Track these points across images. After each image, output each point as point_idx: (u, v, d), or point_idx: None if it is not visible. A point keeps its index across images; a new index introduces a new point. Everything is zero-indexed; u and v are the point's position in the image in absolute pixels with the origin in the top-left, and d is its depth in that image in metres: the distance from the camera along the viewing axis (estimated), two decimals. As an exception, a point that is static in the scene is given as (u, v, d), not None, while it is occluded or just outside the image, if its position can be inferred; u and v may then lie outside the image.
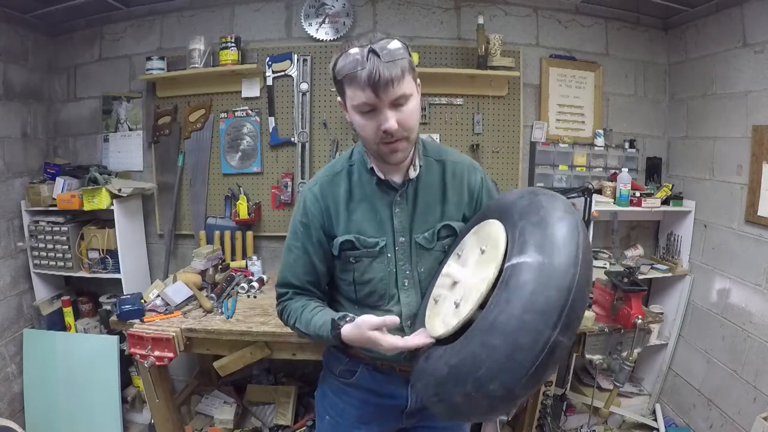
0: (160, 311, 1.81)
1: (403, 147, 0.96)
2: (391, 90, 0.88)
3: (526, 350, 0.70)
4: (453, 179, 1.10)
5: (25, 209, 2.35)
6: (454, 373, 0.78)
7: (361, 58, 0.88)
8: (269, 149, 2.45)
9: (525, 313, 0.70)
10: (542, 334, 0.69)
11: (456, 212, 1.09)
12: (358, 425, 1.20)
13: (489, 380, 0.72)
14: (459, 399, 0.77)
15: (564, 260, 0.72)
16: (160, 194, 2.53)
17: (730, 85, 2.14)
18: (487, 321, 0.75)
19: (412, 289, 1.08)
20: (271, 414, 2.21)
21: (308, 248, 1.08)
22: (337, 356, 1.20)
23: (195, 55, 2.30)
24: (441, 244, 1.07)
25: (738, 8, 2.06)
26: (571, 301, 0.70)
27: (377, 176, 1.05)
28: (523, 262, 0.75)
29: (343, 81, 0.92)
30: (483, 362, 0.73)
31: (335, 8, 2.34)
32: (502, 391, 0.72)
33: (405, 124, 0.93)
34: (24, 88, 2.40)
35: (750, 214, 2.04)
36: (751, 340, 2.01)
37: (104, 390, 2.24)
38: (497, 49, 2.26)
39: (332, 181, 1.08)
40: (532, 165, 2.47)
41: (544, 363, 0.70)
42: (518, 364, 0.70)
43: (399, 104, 0.92)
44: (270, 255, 2.54)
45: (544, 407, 2.04)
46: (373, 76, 0.86)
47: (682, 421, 2.38)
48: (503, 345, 0.71)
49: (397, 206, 1.06)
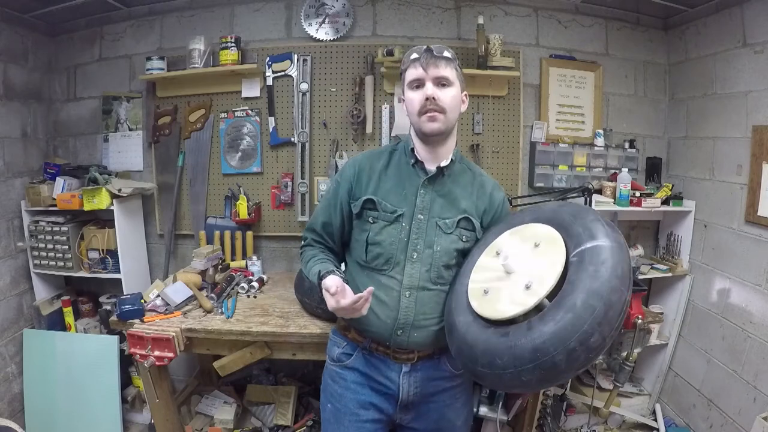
0: (160, 311, 1.81)
1: (440, 119, 1.15)
2: (435, 69, 1.13)
3: (616, 306, 0.92)
4: (480, 188, 1.26)
5: (25, 209, 2.35)
6: (559, 336, 0.92)
7: (419, 50, 1.16)
8: (269, 149, 2.45)
9: (612, 279, 0.93)
10: (624, 294, 0.93)
11: (476, 213, 1.24)
12: (356, 410, 1.25)
13: (591, 334, 0.90)
14: (561, 357, 0.91)
15: (620, 243, 1.00)
16: (160, 194, 2.53)
17: (730, 85, 2.14)
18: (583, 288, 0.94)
19: (419, 263, 1.19)
20: (271, 414, 2.21)
21: (331, 203, 1.28)
22: (336, 341, 1.32)
23: (195, 55, 2.30)
24: (459, 231, 1.21)
25: (738, 8, 2.06)
26: (630, 271, 0.96)
27: (415, 157, 1.21)
28: (598, 245, 0.99)
29: (405, 66, 1.19)
30: (586, 320, 0.90)
31: (335, 8, 2.34)
32: (599, 341, 0.91)
33: (443, 100, 1.15)
34: (24, 88, 2.40)
35: (750, 214, 2.04)
36: (751, 340, 2.01)
37: (104, 390, 2.24)
38: (497, 49, 2.26)
39: (375, 156, 1.28)
40: (532, 165, 2.47)
41: (623, 316, 0.93)
42: (611, 318, 0.91)
43: (441, 84, 1.15)
44: (270, 255, 2.54)
45: (544, 407, 2.04)
46: (423, 58, 1.14)
47: (682, 421, 2.38)
48: (600, 304, 0.91)
49: (423, 188, 1.21)
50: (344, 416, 1.26)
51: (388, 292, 1.18)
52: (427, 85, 1.14)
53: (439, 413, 1.26)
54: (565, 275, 1.00)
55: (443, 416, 1.27)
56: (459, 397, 1.29)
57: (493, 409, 1.96)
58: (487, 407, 1.97)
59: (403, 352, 1.22)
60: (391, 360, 1.22)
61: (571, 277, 0.97)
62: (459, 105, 1.19)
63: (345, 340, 1.29)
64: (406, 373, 1.22)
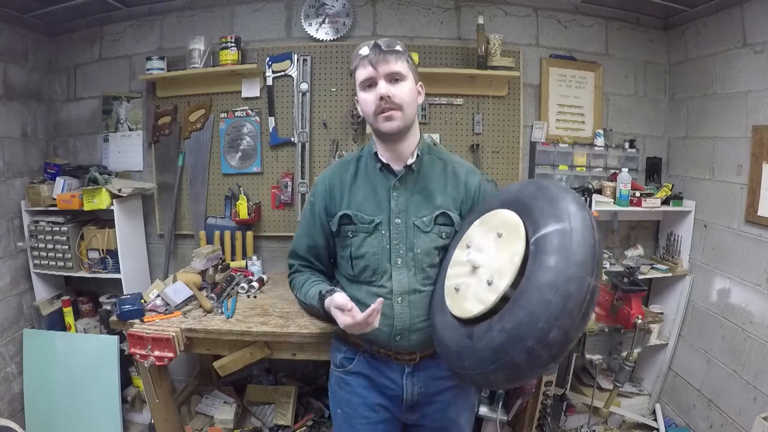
0: (160, 311, 1.81)
1: (397, 116, 1.11)
2: (385, 65, 1.09)
3: (575, 297, 0.84)
4: (453, 177, 1.22)
5: (25, 209, 2.35)
6: (514, 335, 0.87)
7: (367, 47, 1.12)
8: (269, 149, 2.45)
9: (568, 267, 0.85)
10: (585, 281, 0.85)
11: (453, 206, 1.20)
12: (366, 413, 1.24)
13: (549, 330, 0.84)
14: (521, 356, 0.87)
15: (583, 223, 0.90)
16: (160, 194, 2.53)
17: (730, 85, 2.14)
18: (536, 282, 0.88)
19: (404, 268, 1.17)
20: (271, 414, 2.21)
21: (310, 223, 1.26)
22: (337, 346, 1.31)
23: (195, 55, 2.30)
24: (438, 228, 1.18)
25: (738, 8, 2.06)
26: (597, 252, 0.88)
27: (380, 161, 1.18)
28: (554, 230, 0.90)
29: (355, 69, 1.15)
30: (541, 316, 0.84)
31: (335, 8, 2.34)
32: (561, 336, 0.84)
33: (398, 95, 1.11)
34: (24, 88, 2.40)
35: (750, 214, 2.04)
36: (751, 340, 2.01)
37: (104, 390, 2.24)
38: (497, 49, 2.26)
39: (342, 168, 1.26)
40: (532, 165, 2.47)
41: (588, 305, 0.85)
42: (571, 310, 0.84)
43: (394, 79, 1.11)
44: (270, 255, 2.54)
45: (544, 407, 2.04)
46: (372, 56, 1.10)
47: (682, 421, 2.38)
48: (557, 297, 0.84)
49: (395, 190, 1.18)
50: (355, 420, 1.25)
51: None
52: (379, 84, 1.10)
53: (442, 412, 1.26)
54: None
55: (446, 415, 1.27)
56: (461, 395, 1.29)
57: (493, 409, 1.96)
58: (487, 407, 1.97)
59: (405, 354, 1.21)
60: (394, 361, 1.22)
61: (528, 269, 0.91)
62: (415, 98, 1.16)
63: (345, 344, 1.29)
64: (408, 373, 1.22)
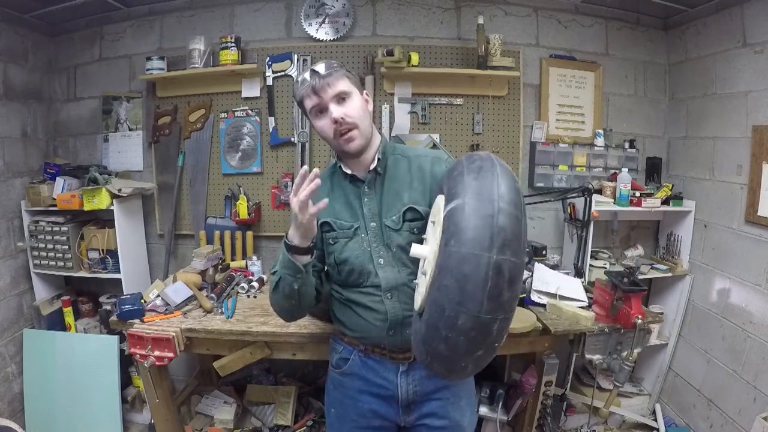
0: (160, 311, 1.81)
1: (355, 135, 1.14)
2: (328, 89, 1.11)
3: (474, 277, 0.78)
4: (418, 171, 1.22)
5: (25, 209, 2.35)
6: (429, 325, 0.86)
7: (307, 76, 1.13)
8: (269, 149, 2.45)
9: (461, 246, 0.79)
10: (481, 258, 0.78)
11: (422, 199, 1.19)
12: (356, 417, 1.26)
13: (456, 317, 0.79)
14: (442, 347, 0.84)
15: (484, 194, 0.82)
16: (160, 194, 2.53)
17: (730, 85, 2.14)
18: (437, 268, 0.85)
19: (389, 266, 1.18)
20: (271, 414, 2.21)
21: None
22: (334, 347, 1.32)
23: (195, 55, 2.30)
24: (408, 225, 1.18)
25: (738, 8, 2.06)
26: (497, 225, 0.79)
27: (344, 172, 1.21)
28: (450, 208, 0.86)
29: (301, 100, 1.16)
30: (444, 303, 0.81)
31: (335, 8, 2.34)
32: (471, 322, 0.79)
33: (349, 114, 1.12)
34: (24, 88, 2.40)
35: (750, 214, 2.04)
36: (751, 340, 2.01)
37: (104, 390, 2.24)
38: (497, 49, 2.26)
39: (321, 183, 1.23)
40: (532, 165, 2.47)
41: (495, 284, 0.78)
42: (471, 292, 0.78)
43: (341, 99, 1.13)
44: (270, 255, 2.54)
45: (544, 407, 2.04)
46: (314, 83, 1.11)
47: (682, 421, 2.38)
48: (453, 281, 0.79)
49: (365, 196, 1.21)
50: (346, 422, 1.27)
51: (372, 299, 1.19)
52: (330, 108, 1.11)
53: (443, 411, 1.26)
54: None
55: (447, 415, 1.26)
56: (462, 395, 1.29)
57: (493, 409, 1.96)
58: (487, 407, 1.97)
59: (399, 352, 1.21)
60: (388, 360, 1.22)
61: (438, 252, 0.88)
62: (366, 110, 1.17)
63: (341, 344, 1.29)
64: (403, 372, 1.22)
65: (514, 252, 0.80)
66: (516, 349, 1.82)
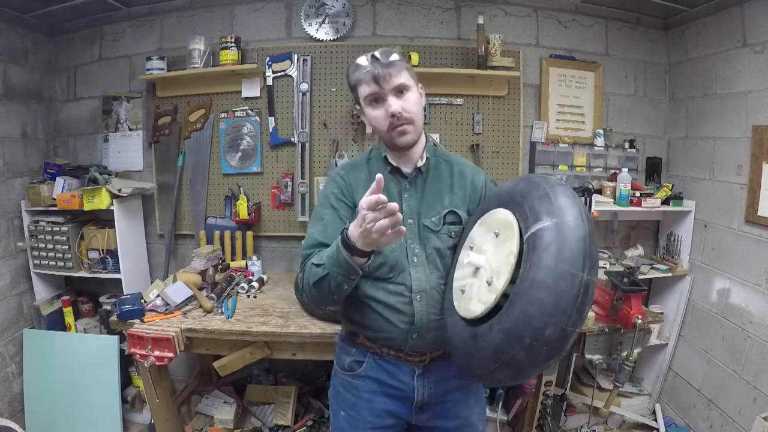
0: (160, 311, 1.81)
1: (410, 130, 1.12)
2: (390, 80, 1.09)
3: (567, 293, 0.84)
4: (460, 177, 1.23)
5: (25, 209, 2.35)
6: (511, 335, 0.89)
7: (366, 62, 1.10)
8: (269, 149, 2.45)
9: (558, 264, 0.85)
10: (576, 277, 0.84)
11: (461, 204, 1.20)
12: (371, 418, 1.23)
13: (544, 328, 0.84)
14: (521, 355, 0.88)
15: (573, 217, 0.89)
16: (160, 194, 2.53)
17: (730, 85, 2.14)
18: (528, 281, 0.88)
19: (421, 266, 1.16)
20: (271, 414, 2.21)
21: (339, 210, 1.19)
22: (345, 349, 1.27)
23: (195, 55, 2.30)
24: (447, 228, 1.18)
25: (738, 8, 2.06)
26: (589, 247, 0.87)
27: (390, 164, 1.19)
28: (542, 227, 0.90)
29: (356, 81, 1.13)
30: (534, 315, 0.85)
31: (335, 8, 2.34)
32: (557, 333, 0.85)
33: (407, 109, 1.11)
34: (24, 88, 2.40)
35: (750, 214, 2.04)
36: (751, 340, 2.01)
37: (104, 390, 2.24)
38: (497, 49, 2.26)
39: (353, 168, 1.25)
40: (532, 165, 2.47)
41: (583, 300, 0.85)
42: (564, 307, 0.84)
43: (400, 92, 1.11)
44: (270, 255, 2.54)
45: (544, 407, 2.04)
46: (374, 71, 1.08)
47: (682, 421, 2.38)
48: (548, 295, 0.84)
49: (405, 192, 1.19)
50: (359, 423, 1.24)
51: (399, 299, 1.15)
52: (388, 101, 1.09)
53: (454, 411, 1.26)
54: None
55: (458, 414, 1.26)
56: (472, 394, 1.29)
57: (493, 409, 1.97)
58: (488, 407, 1.97)
59: (417, 355, 1.20)
60: (404, 363, 1.20)
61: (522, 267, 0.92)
62: (420, 105, 1.17)
63: (354, 346, 1.25)
64: (419, 375, 1.21)
65: (596, 273, 0.89)
66: (516, 349, 1.81)
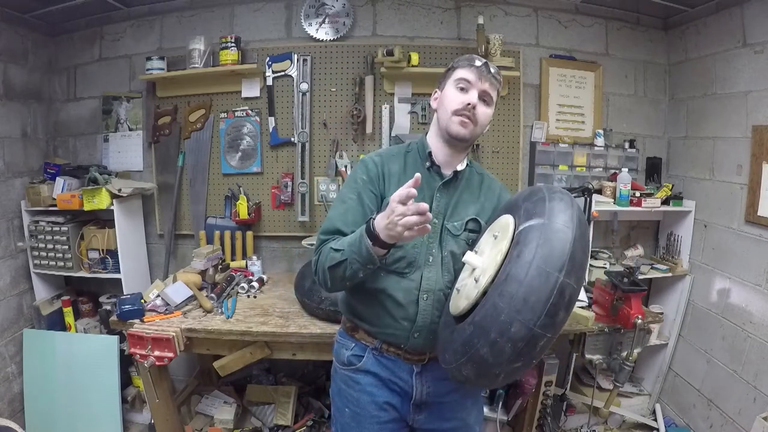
0: (160, 311, 1.81)
1: (469, 127, 1.17)
2: (486, 83, 1.17)
3: (539, 291, 0.82)
4: (488, 190, 1.28)
5: (25, 209, 2.35)
6: (479, 327, 0.88)
7: (479, 61, 1.18)
8: (269, 149, 2.45)
9: (535, 260, 0.84)
10: (551, 276, 0.82)
11: (484, 215, 1.24)
12: (376, 412, 1.23)
13: (510, 323, 0.83)
14: (485, 350, 0.87)
15: (562, 220, 0.88)
16: (160, 194, 2.53)
17: (730, 85, 2.14)
18: (504, 274, 0.87)
19: (435, 267, 1.18)
20: (271, 414, 2.21)
21: (364, 198, 1.19)
22: (344, 344, 1.29)
23: (195, 55, 2.30)
24: (466, 234, 1.21)
25: (738, 8, 2.06)
26: (571, 251, 0.84)
27: (431, 161, 1.22)
28: (529, 225, 0.91)
29: (458, 65, 1.19)
30: (503, 309, 0.84)
31: (335, 8, 2.34)
32: (523, 331, 0.82)
33: (479, 114, 1.17)
34: (24, 88, 2.40)
35: (750, 214, 2.04)
36: (751, 340, 2.01)
37: (104, 390, 2.24)
38: (497, 49, 2.26)
39: (390, 158, 1.26)
40: (532, 165, 2.47)
41: (555, 302, 0.82)
42: (533, 304, 0.82)
43: (483, 98, 1.18)
44: (270, 255, 2.54)
45: (544, 407, 2.04)
46: (483, 66, 1.17)
47: (682, 421, 2.38)
48: (518, 290, 0.83)
49: (438, 192, 1.21)
50: (365, 419, 1.24)
51: (406, 295, 1.16)
52: (472, 93, 1.16)
53: (451, 412, 1.26)
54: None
55: (455, 415, 1.27)
56: (469, 396, 1.29)
57: (493, 409, 1.97)
58: (487, 407, 1.97)
59: (416, 354, 1.21)
60: (403, 361, 1.21)
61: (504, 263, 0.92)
62: (487, 124, 1.24)
63: (353, 341, 1.26)
64: (417, 373, 1.22)
65: (577, 279, 0.86)
66: (516, 349, 1.82)
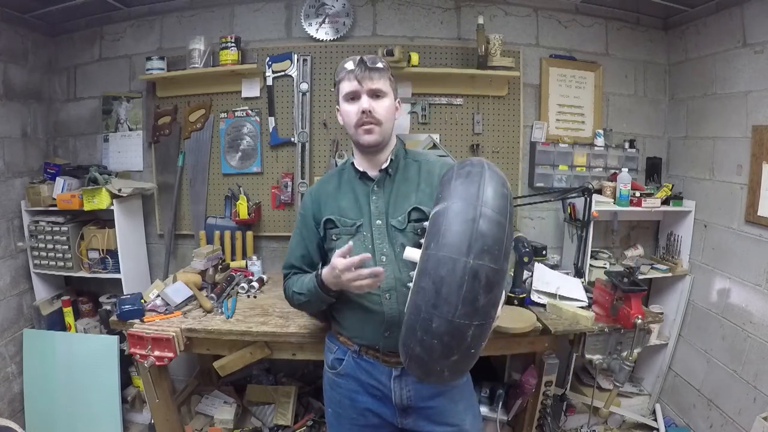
0: (160, 311, 1.81)
1: (376, 131, 1.19)
2: (369, 81, 1.17)
3: (448, 280, 0.78)
4: (427, 174, 1.26)
5: (25, 209, 2.35)
6: (407, 327, 0.88)
7: (353, 63, 1.19)
8: (269, 149, 2.45)
9: (439, 249, 0.80)
10: (458, 262, 0.78)
11: (428, 201, 1.20)
12: (355, 416, 1.27)
13: (430, 319, 0.80)
14: (418, 349, 0.84)
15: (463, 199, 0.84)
16: (160, 194, 2.53)
17: (730, 85, 2.14)
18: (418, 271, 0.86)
19: (390, 265, 1.20)
20: (271, 414, 2.21)
21: (303, 234, 1.33)
22: (329, 347, 1.35)
23: (195, 55, 2.30)
24: (412, 225, 1.21)
25: (738, 8, 2.06)
26: (477, 230, 0.80)
27: (356, 169, 1.26)
28: (435, 211, 0.88)
29: (339, 77, 1.22)
30: (420, 306, 0.82)
31: (335, 8, 2.34)
32: (444, 326, 0.79)
33: (378, 112, 1.18)
34: (24, 88, 2.40)
35: (750, 214, 2.04)
36: (751, 340, 2.01)
37: (104, 390, 2.24)
38: (497, 49, 2.26)
39: (326, 181, 1.35)
40: (532, 165, 2.47)
41: (471, 287, 0.77)
42: (446, 295, 0.78)
43: (376, 95, 1.19)
44: (270, 255, 2.54)
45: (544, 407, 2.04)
46: (357, 71, 1.17)
47: (682, 421, 2.38)
48: (429, 283, 0.80)
49: (373, 194, 1.24)
50: (344, 420, 1.29)
51: (371, 298, 1.19)
52: (362, 99, 1.17)
53: (440, 417, 1.25)
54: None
55: (447, 421, 1.25)
56: (459, 400, 1.28)
57: (493, 409, 1.96)
58: (487, 407, 1.97)
59: (393, 356, 1.20)
60: (381, 363, 1.23)
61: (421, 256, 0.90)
62: (393, 114, 1.24)
63: (337, 344, 1.30)
64: (396, 377, 1.22)
65: (493, 258, 0.80)
66: (516, 349, 1.82)
